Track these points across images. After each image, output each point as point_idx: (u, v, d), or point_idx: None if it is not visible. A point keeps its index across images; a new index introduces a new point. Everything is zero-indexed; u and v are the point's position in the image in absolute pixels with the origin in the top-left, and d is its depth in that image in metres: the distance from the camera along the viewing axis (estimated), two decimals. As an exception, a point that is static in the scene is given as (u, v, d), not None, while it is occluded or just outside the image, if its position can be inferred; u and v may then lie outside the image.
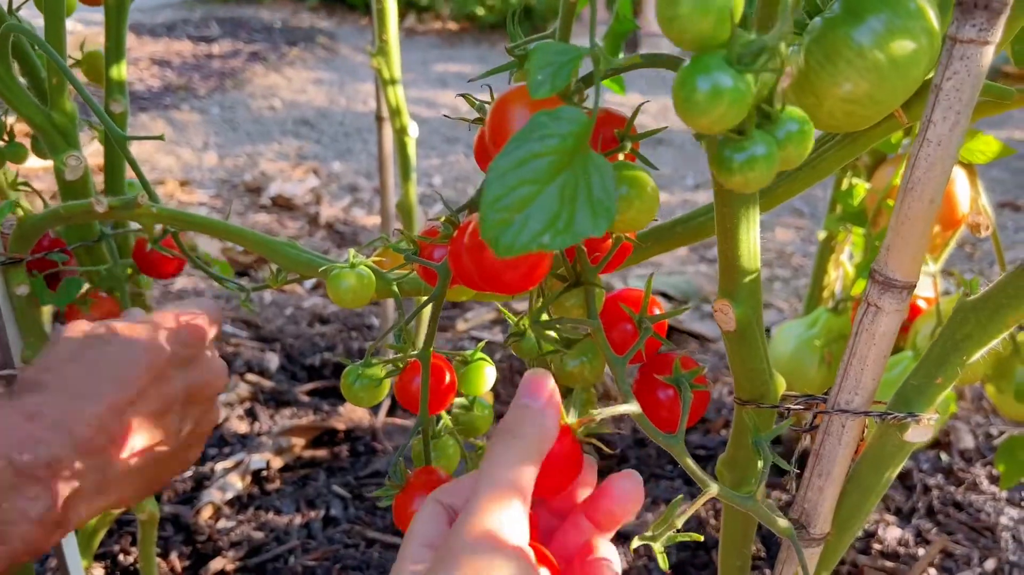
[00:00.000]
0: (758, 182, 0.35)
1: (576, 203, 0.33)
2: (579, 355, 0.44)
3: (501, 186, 0.32)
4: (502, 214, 0.32)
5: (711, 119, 0.32)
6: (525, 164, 0.33)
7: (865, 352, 0.46)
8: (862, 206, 0.94)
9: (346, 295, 0.57)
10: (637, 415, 0.41)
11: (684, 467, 0.43)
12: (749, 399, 0.52)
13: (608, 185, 0.34)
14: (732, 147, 0.34)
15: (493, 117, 0.38)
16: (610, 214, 0.33)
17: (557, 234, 0.32)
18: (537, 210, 0.32)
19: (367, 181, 2.32)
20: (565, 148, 0.33)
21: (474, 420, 0.62)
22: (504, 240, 0.32)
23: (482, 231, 0.32)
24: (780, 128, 0.35)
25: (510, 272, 0.38)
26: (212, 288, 1.54)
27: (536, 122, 0.33)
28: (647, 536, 0.41)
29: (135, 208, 0.60)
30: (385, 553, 0.99)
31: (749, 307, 0.48)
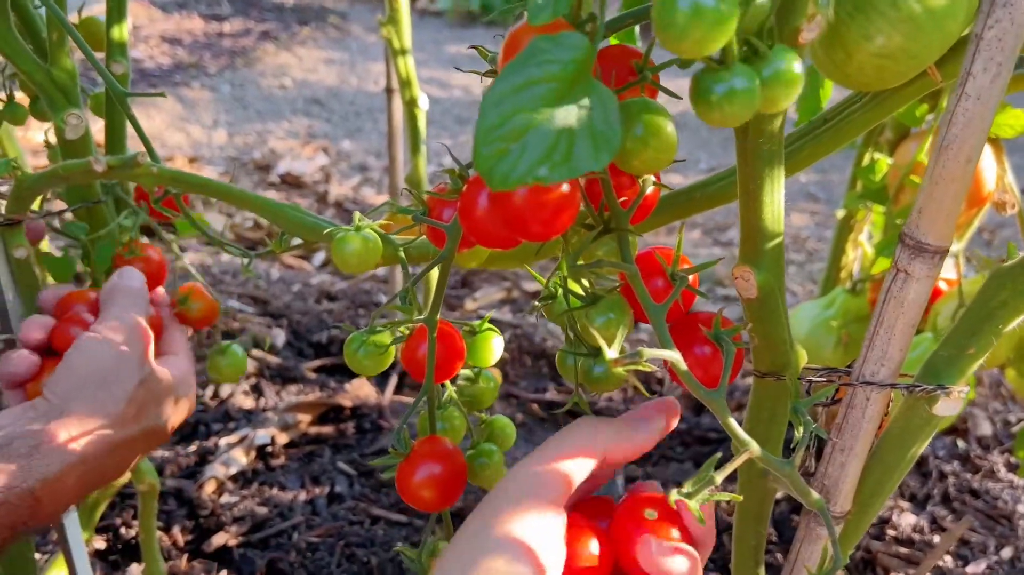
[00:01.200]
0: (735, 118, 0.33)
1: (576, 134, 0.31)
2: (606, 311, 0.42)
3: (497, 114, 0.30)
4: (498, 144, 0.30)
5: (691, 42, 0.30)
6: (523, 90, 0.30)
7: (893, 320, 0.44)
8: (883, 183, 0.92)
9: (351, 259, 0.55)
10: (679, 365, 0.39)
11: (724, 425, 0.41)
12: (769, 371, 0.49)
13: (611, 117, 0.32)
14: (712, 78, 0.33)
15: (505, 49, 0.37)
16: (612, 147, 0.31)
17: (555, 166, 0.30)
18: (534, 139, 0.30)
19: (377, 160, 2.30)
20: (566, 75, 0.31)
21: (479, 392, 0.60)
22: (500, 170, 0.30)
23: (476, 162, 0.30)
24: (767, 65, 0.33)
25: (533, 214, 0.36)
26: (219, 262, 1.53)
27: (536, 47, 0.31)
28: (683, 492, 0.39)
29: (135, 168, 0.58)
30: (390, 530, 0.97)
31: (772, 274, 0.46)
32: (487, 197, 0.39)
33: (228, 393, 1.19)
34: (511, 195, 0.36)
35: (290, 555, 0.92)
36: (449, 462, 0.51)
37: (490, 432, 0.60)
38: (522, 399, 1.26)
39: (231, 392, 1.19)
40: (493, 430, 0.60)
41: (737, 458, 0.42)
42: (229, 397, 1.18)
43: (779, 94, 0.34)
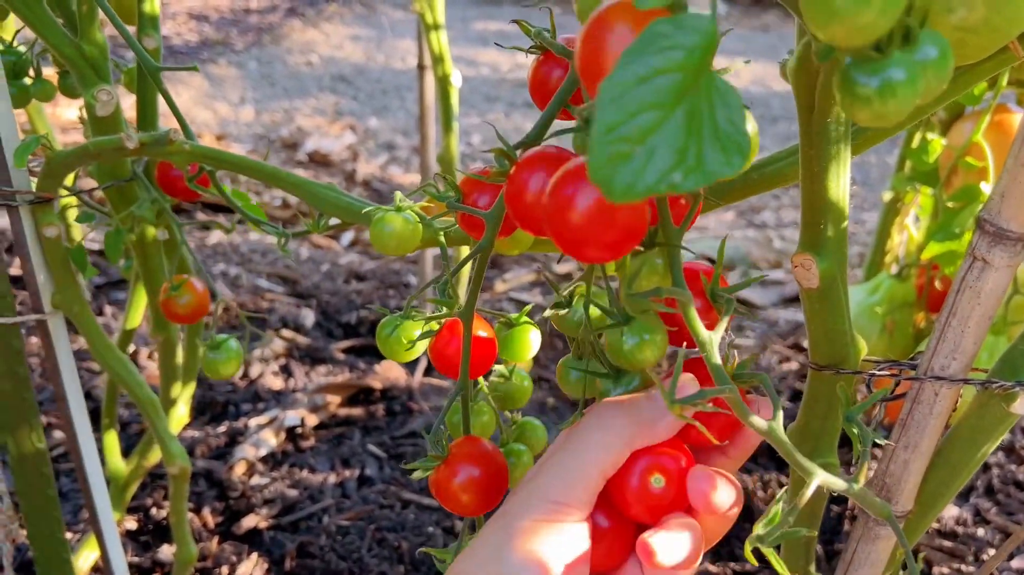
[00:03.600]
0: (895, 115, 0.28)
1: (703, 135, 0.27)
2: (639, 332, 0.38)
3: (619, 111, 0.25)
4: (620, 145, 0.25)
5: (853, 26, 0.25)
6: (646, 82, 0.26)
7: (968, 312, 0.41)
8: (935, 165, 0.88)
9: (390, 240, 0.52)
10: (733, 398, 0.35)
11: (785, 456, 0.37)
12: (827, 363, 0.47)
13: (736, 117, 0.27)
14: (867, 69, 0.27)
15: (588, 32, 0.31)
16: (743, 151, 0.27)
17: (689, 172, 0.26)
18: (662, 141, 0.26)
19: (404, 139, 2.28)
20: (691, 65, 0.26)
21: (512, 391, 0.57)
22: (621, 180, 0.25)
23: (592, 169, 0.26)
24: (919, 51, 0.29)
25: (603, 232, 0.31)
26: (248, 241, 1.52)
27: (656, 31, 0.26)
28: (756, 538, 0.35)
29: (167, 145, 0.56)
30: (420, 515, 0.96)
31: (835, 261, 0.43)
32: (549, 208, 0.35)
33: (258, 373, 1.18)
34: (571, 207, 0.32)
35: (320, 539, 0.91)
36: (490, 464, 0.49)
37: (520, 434, 0.57)
38: (553, 383, 1.24)
39: (261, 372, 1.18)
40: (524, 432, 0.57)
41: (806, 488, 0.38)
42: (259, 378, 1.17)
43: (934, 82, 0.29)
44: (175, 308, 0.70)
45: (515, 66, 3.28)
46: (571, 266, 1.59)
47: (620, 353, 0.38)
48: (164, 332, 0.79)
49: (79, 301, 0.67)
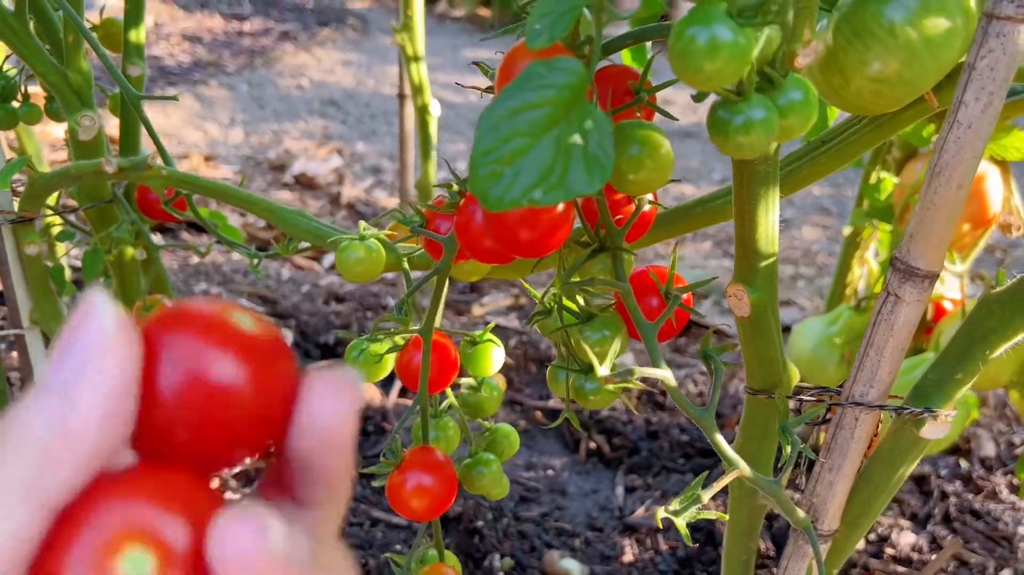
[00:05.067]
0: (753, 148, 0.34)
1: (571, 158, 0.32)
2: (600, 328, 0.43)
3: (493, 137, 0.31)
4: (492, 167, 0.31)
5: (707, 74, 0.30)
6: (519, 114, 0.31)
7: (882, 343, 0.44)
8: (889, 201, 0.92)
9: (355, 267, 0.56)
10: (670, 385, 0.40)
11: (712, 442, 0.41)
12: (761, 388, 0.50)
13: (605, 141, 0.32)
14: (729, 109, 0.33)
15: (500, 72, 0.37)
16: (605, 171, 0.32)
17: (549, 189, 0.31)
18: (529, 163, 0.31)
19: (390, 163, 2.31)
20: (561, 100, 0.32)
21: (482, 401, 0.61)
22: (494, 193, 0.31)
23: (471, 184, 0.31)
24: (783, 95, 0.34)
25: (527, 233, 0.37)
26: (230, 261, 1.54)
27: (532, 72, 0.32)
28: (670, 510, 0.40)
29: (145, 170, 0.59)
30: (389, 533, 0.98)
31: (765, 293, 0.46)
32: (482, 213, 0.40)
33: (234, 391, 1.20)
34: (505, 213, 0.37)
35: (289, 554, 0.92)
36: (439, 472, 0.52)
37: (492, 440, 0.60)
38: (526, 406, 1.27)
39: (237, 390, 1.20)
40: (496, 438, 0.60)
41: (725, 477, 0.43)
42: (235, 395, 1.19)
43: (795, 123, 0.34)
44: None
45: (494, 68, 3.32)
46: (548, 292, 1.62)
47: (582, 347, 0.42)
48: (140, 349, 0.82)
49: (57, 317, 0.70)
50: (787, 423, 0.45)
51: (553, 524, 1.05)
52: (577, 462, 1.18)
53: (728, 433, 1.24)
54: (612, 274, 0.43)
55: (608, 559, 1.00)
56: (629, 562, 1.00)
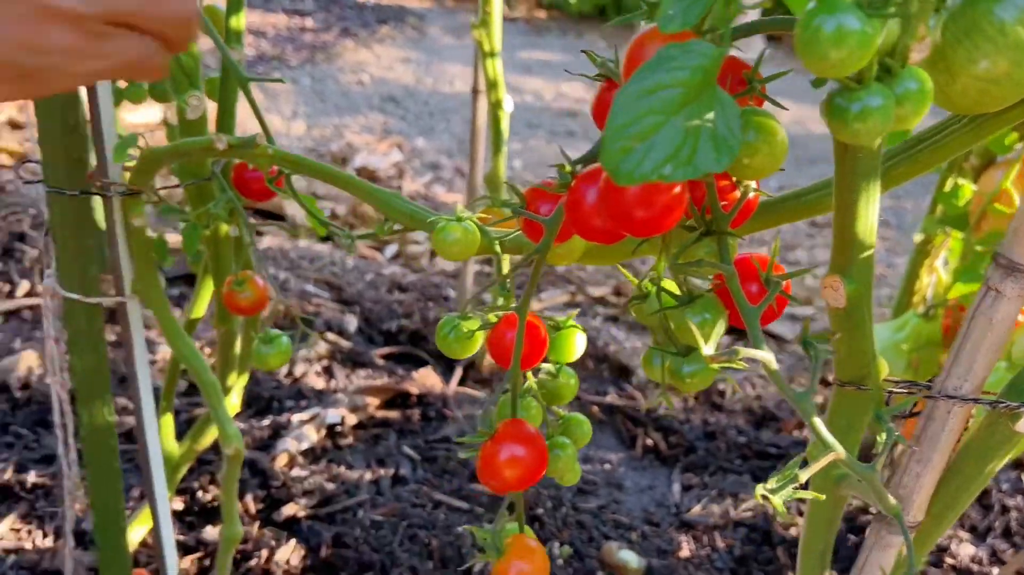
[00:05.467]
0: (869, 135, 0.35)
1: (699, 137, 0.33)
2: (701, 311, 0.44)
3: (627, 115, 0.33)
4: (625, 142, 0.32)
5: (832, 62, 0.32)
6: (653, 94, 0.33)
7: (980, 338, 0.45)
8: (966, 209, 0.92)
9: (452, 247, 0.58)
10: (771, 368, 0.41)
11: (810, 425, 0.43)
12: (850, 380, 0.51)
13: (733, 124, 0.34)
14: (848, 96, 0.34)
15: (629, 55, 0.39)
16: (732, 152, 0.33)
17: (679, 166, 0.33)
18: (661, 141, 0.33)
19: (448, 160, 2.34)
20: (693, 81, 0.33)
21: (560, 387, 0.62)
22: (625, 168, 0.33)
23: (603, 158, 0.33)
24: (899, 84, 0.35)
25: (643, 211, 0.38)
26: (296, 247, 1.58)
27: (666, 54, 0.33)
28: (769, 488, 0.41)
29: (253, 148, 0.62)
30: (451, 515, 1.00)
31: (861, 284, 0.47)
32: (598, 192, 0.42)
33: (302, 373, 1.23)
34: (624, 191, 0.39)
35: (355, 531, 0.95)
36: (532, 444, 0.54)
37: (567, 427, 0.62)
38: (583, 401, 1.28)
39: (304, 372, 1.23)
40: (570, 425, 0.62)
41: (823, 459, 0.44)
42: (302, 377, 1.23)
43: (910, 111, 0.35)
44: (237, 301, 0.75)
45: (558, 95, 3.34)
46: (605, 290, 1.64)
47: (685, 331, 0.43)
48: (226, 324, 0.85)
49: (156, 288, 0.73)
50: (882, 411, 0.45)
51: (610, 516, 1.06)
52: (633, 458, 1.20)
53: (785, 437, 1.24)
54: (717, 257, 0.44)
55: (665, 553, 1.01)
56: (686, 557, 1.01)
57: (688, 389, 0.51)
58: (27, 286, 1.38)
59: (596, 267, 1.71)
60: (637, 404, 1.26)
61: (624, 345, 1.40)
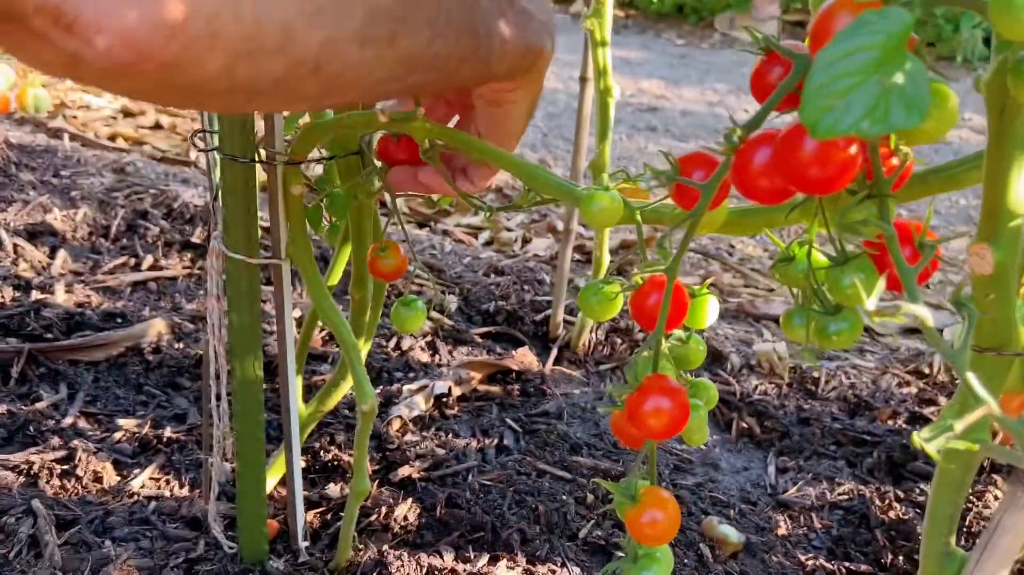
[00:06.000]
0: None
1: (892, 96, 0.36)
2: (855, 271, 0.47)
3: (827, 74, 0.36)
4: (825, 99, 0.36)
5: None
6: (851, 56, 0.36)
7: None
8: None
9: (599, 215, 0.62)
10: (928, 324, 0.43)
11: (964, 380, 0.45)
12: (990, 347, 0.53)
13: (922, 85, 0.37)
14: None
15: (819, 22, 0.42)
16: (922, 111, 0.36)
17: (876, 122, 0.36)
18: (858, 99, 0.36)
19: (532, 152, 2.39)
20: (889, 45, 0.37)
21: (689, 353, 0.66)
22: (824, 123, 0.36)
23: (803, 114, 0.36)
24: None
25: (820, 169, 0.42)
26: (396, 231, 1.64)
27: (865, 18, 0.37)
28: (925, 437, 0.44)
29: (413, 121, 0.67)
30: (555, 484, 1.04)
31: (1008, 252, 0.50)
32: (772, 153, 0.45)
33: (408, 347, 1.29)
34: (801, 152, 0.42)
35: (466, 493, 1.00)
36: (676, 396, 0.58)
37: (695, 391, 0.66)
38: (677, 383, 1.31)
39: (410, 347, 1.29)
40: (698, 389, 0.66)
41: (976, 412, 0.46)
42: (409, 351, 1.29)
43: None
44: (380, 267, 0.80)
45: (637, 91, 3.36)
46: (693, 279, 1.66)
47: (839, 290, 0.46)
48: (361, 291, 0.90)
49: (307, 251, 0.79)
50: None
51: (707, 494, 1.09)
52: (728, 441, 1.22)
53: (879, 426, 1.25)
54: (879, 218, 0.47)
55: (763, 530, 1.04)
56: (783, 535, 1.03)
57: (834, 346, 0.54)
58: (151, 260, 1.47)
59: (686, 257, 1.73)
60: (732, 389, 1.29)
61: (717, 332, 1.42)
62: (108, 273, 1.43)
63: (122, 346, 1.22)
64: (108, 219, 1.59)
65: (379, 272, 0.82)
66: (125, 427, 1.08)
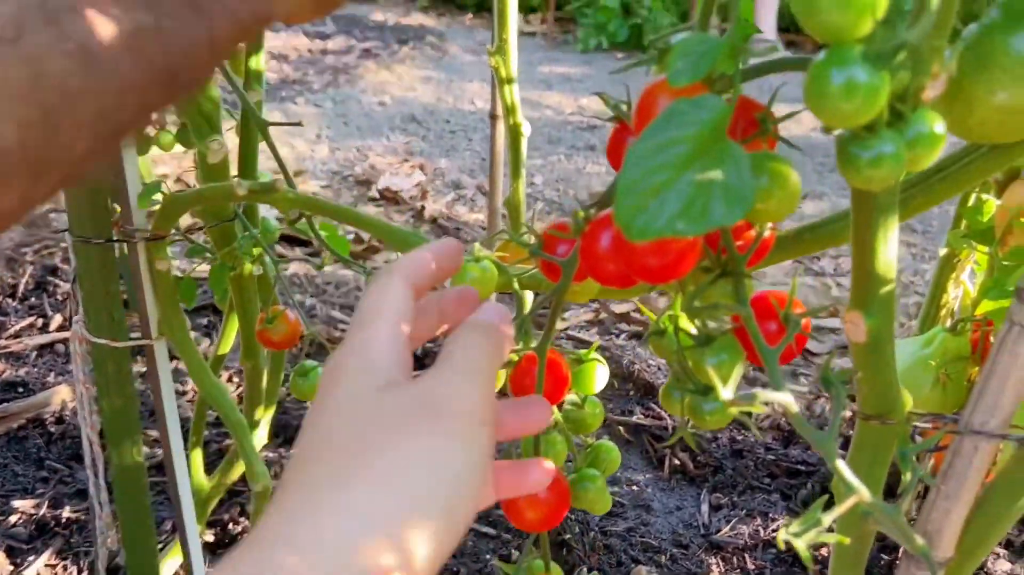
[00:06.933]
0: (883, 181, 0.34)
1: (711, 191, 0.33)
2: (719, 352, 0.44)
3: (639, 171, 0.33)
4: (638, 198, 0.33)
5: (843, 114, 0.32)
6: (664, 150, 0.33)
7: (1006, 373, 0.44)
8: (990, 223, 0.90)
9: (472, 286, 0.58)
10: (792, 410, 0.40)
11: (833, 469, 0.42)
12: (874, 414, 0.50)
13: (744, 175, 0.34)
14: (859, 144, 0.34)
15: (640, 106, 0.39)
16: (745, 203, 0.33)
17: (691, 220, 0.33)
18: (673, 196, 0.33)
19: (470, 179, 2.35)
20: (703, 136, 0.33)
21: (584, 418, 0.63)
22: (638, 224, 0.33)
23: (616, 215, 0.33)
24: (911, 128, 0.35)
25: (656, 259, 0.38)
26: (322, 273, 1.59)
27: (676, 109, 0.33)
28: (793, 532, 0.40)
29: (273, 192, 0.63)
30: (479, 542, 1.00)
31: (882, 319, 0.47)
32: (611, 240, 0.42)
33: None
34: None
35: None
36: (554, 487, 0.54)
37: (595, 456, 0.62)
38: (608, 421, 1.28)
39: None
40: (598, 454, 0.62)
41: (848, 502, 0.43)
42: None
43: (923, 155, 0.35)
44: (270, 336, 0.76)
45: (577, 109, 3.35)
46: (628, 306, 1.63)
47: (703, 371, 0.43)
48: (252, 360, 0.86)
49: (181, 329, 0.74)
50: (907, 448, 0.45)
51: (639, 539, 1.05)
52: (661, 478, 1.19)
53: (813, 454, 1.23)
54: (733, 298, 0.44)
55: (695, 577, 1.00)
56: (719, 581, 1.00)
57: (708, 426, 0.51)
58: (60, 320, 1.41)
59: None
60: (664, 423, 1.26)
61: (649, 363, 1.39)
62: (13, 337, 1.36)
63: (22, 418, 1.15)
64: (16, 277, 1.52)
65: (268, 342, 0.77)
66: (21, 509, 1.02)
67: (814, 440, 0.44)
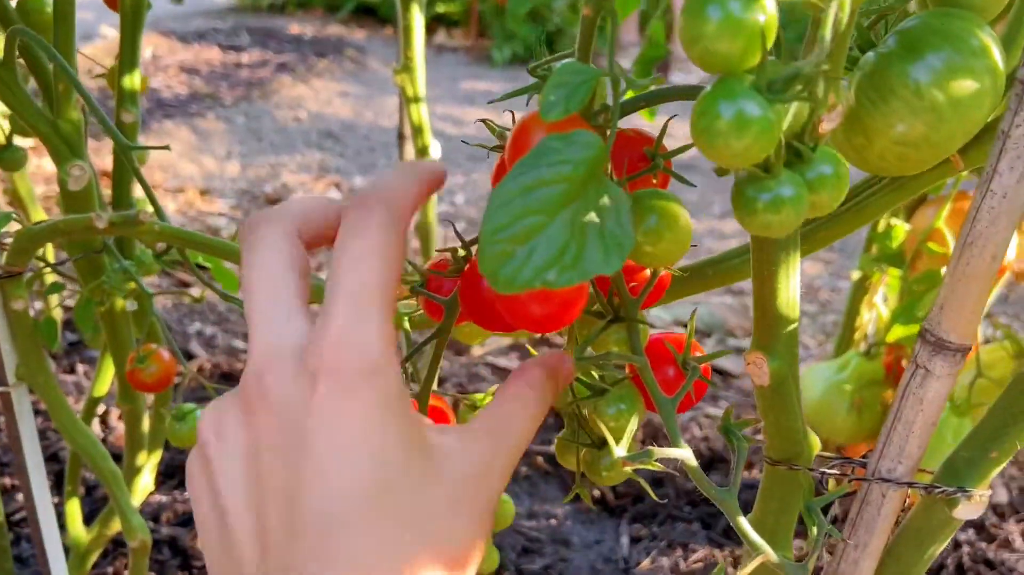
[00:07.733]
0: (782, 227, 0.31)
1: (586, 236, 0.30)
2: (616, 402, 0.41)
3: (505, 215, 0.29)
4: (504, 245, 0.29)
5: (734, 152, 0.28)
6: (532, 192, 0.29)
7: (912, 418, 0.42)
8: (900, 248, 0.90)
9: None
10: (691, 466, 0.37)
11: (737, 528, 0.39)
12: (780, 459, 0.48)
13: (623, 218, 0.30)
14: (756, 186, 0.31)
15: (512, 142, 0.35)
16: (623, 249, 0.30)
17: (564, 270, 0.29)
18: (543, 243, 0.29)
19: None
20: (577, 176, 0.30)
21: None
22: (504, 274, 0.29)
23: (481, 263, 0.29)
24: (812, 169, 0.32)
25: (538, 308, 0.35)
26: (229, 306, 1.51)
27: (546, 146, 0.30)
28: None
29: (137, 225, 0.57)
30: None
31: (785, 361, 0.44)
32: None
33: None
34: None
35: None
36: None
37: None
38: (528, 451, 1.24)
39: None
40: None
41: (752, 563, 0.40)
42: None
43: (826, 198, 0.32)
44: (141, 377, 0.70)
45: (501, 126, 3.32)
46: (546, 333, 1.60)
47: (598, 422, 0.40)
48: (130, 402, 0.79)
49: (44, 372, 0.67)
50: (812, 502, 0.42)
51: (556, 577, 1.02)
52: (580, 510, 1.15)
53: (734, 478, 1.21)
54: (627, 345, 0.40)
55: (613, 614, 0.97)
56: (635, 621, 0.97)
57: (605, 483, 0.47)
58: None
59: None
60: (582, 452, 1.22)
61: (568, 389, 1.36)
62: None
63: None
64: None
65: (141, 385, 0.71)
66: None
67: (714, 497, 0.41)
